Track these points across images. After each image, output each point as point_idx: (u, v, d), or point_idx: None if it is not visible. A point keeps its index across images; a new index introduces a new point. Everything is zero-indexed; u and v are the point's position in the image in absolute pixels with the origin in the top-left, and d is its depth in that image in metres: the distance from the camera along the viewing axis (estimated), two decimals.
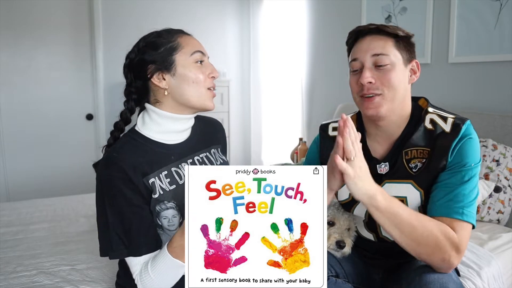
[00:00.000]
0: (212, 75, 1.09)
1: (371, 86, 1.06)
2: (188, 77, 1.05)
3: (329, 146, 1.21)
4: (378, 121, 1.10)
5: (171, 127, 1.10)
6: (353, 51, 1.12)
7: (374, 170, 1.14)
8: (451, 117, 1.08)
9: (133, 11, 3.51)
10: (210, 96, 1.10)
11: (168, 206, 1.04)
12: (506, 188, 1.84)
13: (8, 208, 2.16)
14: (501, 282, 1.43)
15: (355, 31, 1.13)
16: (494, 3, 2.11)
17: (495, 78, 2.16)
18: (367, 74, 1.06)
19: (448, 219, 0.99)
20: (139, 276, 0.99)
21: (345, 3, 3.01)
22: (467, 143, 1.04)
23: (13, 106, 3.20)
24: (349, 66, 1.14)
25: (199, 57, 1.07)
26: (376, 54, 1.07)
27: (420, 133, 1.09)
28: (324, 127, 1.28)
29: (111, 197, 0.99)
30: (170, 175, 1.07)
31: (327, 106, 3.20)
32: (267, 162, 3.88)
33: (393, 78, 1.06)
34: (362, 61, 1.09)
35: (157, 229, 1.06)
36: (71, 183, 3.39)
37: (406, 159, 1.09)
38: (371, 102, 1.07)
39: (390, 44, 1.08)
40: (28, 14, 3.17)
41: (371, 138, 1.18)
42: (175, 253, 0.94)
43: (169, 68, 1.06)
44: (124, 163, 1.00)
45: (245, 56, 4.08)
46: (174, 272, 0.97)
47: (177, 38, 1.07)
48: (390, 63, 1.07)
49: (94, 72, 3.44)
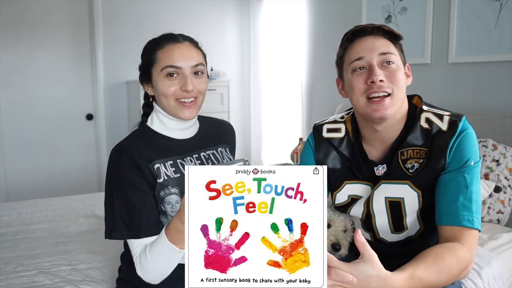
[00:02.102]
0: (184, 88, 1.09)
1: (382, 85, 1.02)
2: (158, 90, 1.11)
3: (324, 148, 1.19)
4: (380, 123, 1.06)
5: (173, 125, 1.16)
6: (355, 51, 1.07)
7: (371, 172, 1.12)
8: (447, 115, 1.06)
9: (133, 11, 3.51)
10: (181, 107, 1.11)
11: (172, 192, 1.09)
12: (506, 188, 1.84)
13: (8, 208, 2.16)
14: (501, 282, 1.43)
15: (354, 30, 1.09)
16: (494, 3, 2.12)
17: (495, 78, 2.16)
18: (379, 71, 1.02)
19: (457, 228, 0.98)
20: (138, 259, 1.03)
21: (345, 3, 3.01)
22: (464, 138, 1.02)
23: (13, 106, 3.20)
24: (348, 66, 1.09)
25: (169, 71, 1.09)
26: (383, 52, 1.04)
27: (416, 133, 1.06)
28: (318, 128, 1.22)
29: (118, 181, 1.07)
30: (175, 165, 1.12)
31: (327, 106, 3.20)
32: (267, 162, 3.88)
33: (400, 77, 1.04)
34: (369, 60, 1.04)
35: (161, 216, 1.09)
36: (71, 183, 3.39)
37: (402, 160, 1.07)
38: (381, 104, 1.02)
39: (390, 44, 1.07)
40: (28, 14, 3.17)
41: (367, 141, 1.15)
42: (170, 235, 0.97)
43: (149, 80, 1.14)
44: (132, 151, 1.08)
45: (245, 56, 4.08)
46: (168, 256, 0.99)
47: (157, 51, 1.11)
48: (396, 62, 1.05)
49: (94, 72, 3.43)
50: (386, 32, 1.08)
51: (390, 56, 1.04)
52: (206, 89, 1.15)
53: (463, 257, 0.94)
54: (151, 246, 1.02)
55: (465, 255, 0.94)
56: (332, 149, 1.19)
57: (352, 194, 1.18)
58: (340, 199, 1.20)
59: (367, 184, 1.14)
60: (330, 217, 1.22)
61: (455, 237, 0.98)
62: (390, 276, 0.83)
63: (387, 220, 1.14)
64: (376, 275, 0.82)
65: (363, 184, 1.15)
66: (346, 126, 1.19)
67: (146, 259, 1.01)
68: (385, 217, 1.14)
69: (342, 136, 1.18)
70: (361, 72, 1.06)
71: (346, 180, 1.17)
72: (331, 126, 1.21)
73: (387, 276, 0.83)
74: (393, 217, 1.13)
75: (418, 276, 0.86)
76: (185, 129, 1.18)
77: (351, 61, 1.07)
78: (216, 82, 3.57)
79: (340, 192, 1.19)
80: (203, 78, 1.13)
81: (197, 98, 1.12)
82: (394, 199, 1.10)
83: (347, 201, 1.19)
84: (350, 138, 1.17)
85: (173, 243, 0.97)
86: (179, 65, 1.08)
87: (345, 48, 1.12)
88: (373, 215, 1.14)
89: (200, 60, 1.12)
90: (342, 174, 1.17)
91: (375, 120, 1.06)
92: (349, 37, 1.11)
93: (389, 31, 1.07)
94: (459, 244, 0.95)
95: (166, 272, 1.04)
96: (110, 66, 3.44)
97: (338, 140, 1.18)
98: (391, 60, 1.04)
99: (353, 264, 0.83)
